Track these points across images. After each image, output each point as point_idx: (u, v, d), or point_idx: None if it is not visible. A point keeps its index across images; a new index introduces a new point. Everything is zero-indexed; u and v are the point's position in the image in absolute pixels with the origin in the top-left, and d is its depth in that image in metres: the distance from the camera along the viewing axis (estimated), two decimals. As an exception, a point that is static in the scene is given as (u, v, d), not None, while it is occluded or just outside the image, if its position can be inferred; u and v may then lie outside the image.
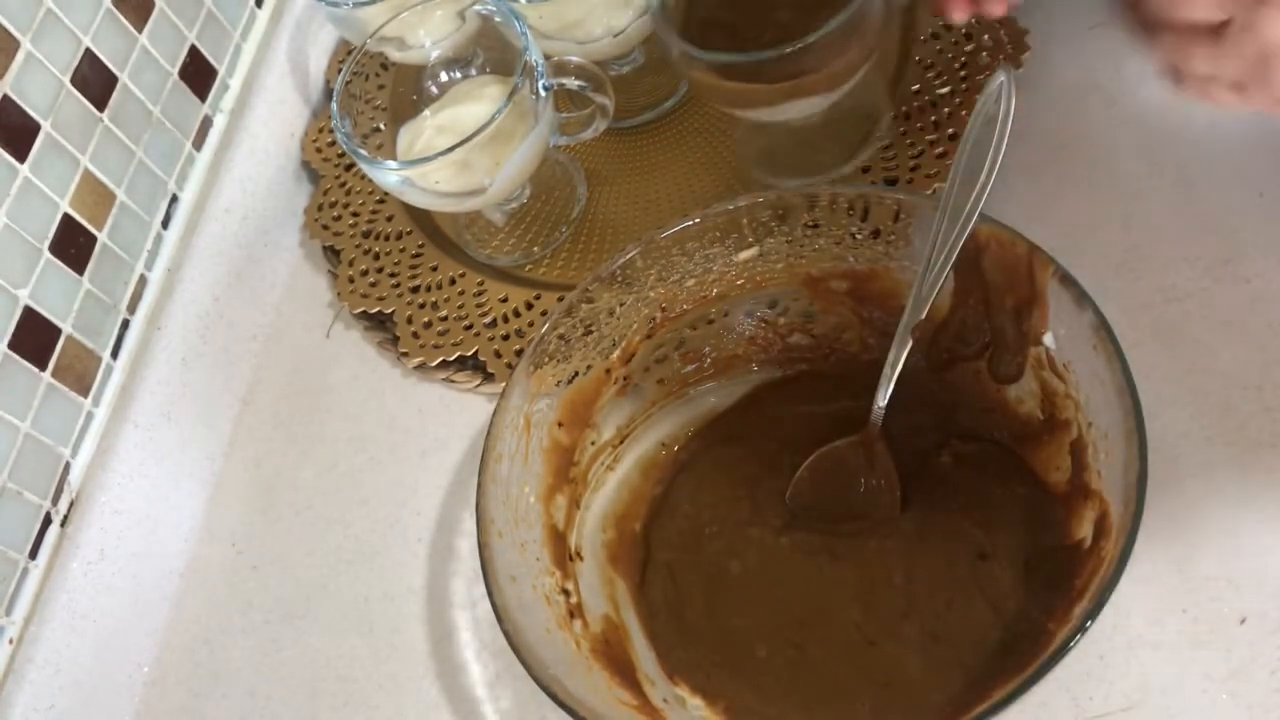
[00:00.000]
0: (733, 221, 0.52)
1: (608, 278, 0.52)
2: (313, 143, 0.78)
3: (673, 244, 0.52)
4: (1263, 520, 0.45)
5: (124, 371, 0.65)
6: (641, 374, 0.55)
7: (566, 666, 0.45)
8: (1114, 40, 0.60)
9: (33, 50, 0.59)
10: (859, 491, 0.51)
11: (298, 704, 0.58)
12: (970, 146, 0.46)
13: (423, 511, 0.61)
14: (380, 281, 0.69)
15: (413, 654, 0.57)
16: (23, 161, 0.59)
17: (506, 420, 0.50)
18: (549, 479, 0.52)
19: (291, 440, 0.68)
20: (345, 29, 0.70)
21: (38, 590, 0.59)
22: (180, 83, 0.70)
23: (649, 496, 0.55)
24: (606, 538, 0.53)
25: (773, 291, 0.54)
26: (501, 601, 0.45)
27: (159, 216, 0.69)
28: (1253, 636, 0.44)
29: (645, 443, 0.55)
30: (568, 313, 0.52)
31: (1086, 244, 0.54)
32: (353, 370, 0.69)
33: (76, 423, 0.62)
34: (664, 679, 0.49)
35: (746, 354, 0.56)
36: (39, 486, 0.60)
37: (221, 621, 0.63)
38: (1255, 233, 0.51)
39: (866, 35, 0.52)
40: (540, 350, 0.51)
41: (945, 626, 0.46)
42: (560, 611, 0.49)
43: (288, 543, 0.64)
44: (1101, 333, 0.42)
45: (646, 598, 0.52)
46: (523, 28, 0.59)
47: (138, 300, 0.67)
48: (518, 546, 0.49)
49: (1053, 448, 0.47)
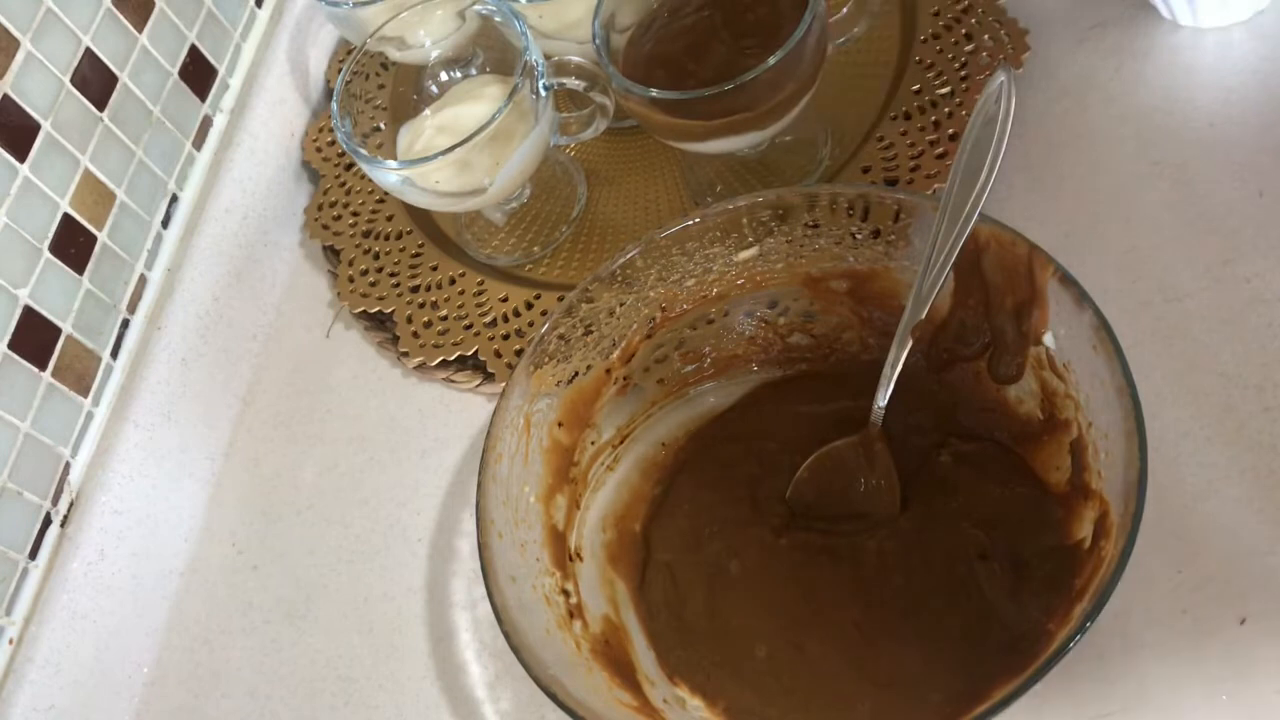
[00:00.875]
0: (733, 221, 0.52)
1: (608, 278, 0.52)
2: (313, 142, 0.78)
3: (673, 244, 0.52)
4: (1263, 520, 0.45)
5: (124, 371, 0.65)
6: (641, 374, 0.55)
7: (566, 667, 0.45)
8: (1114, 40, 0.60)
9: (33, 50, 0.59)
10: (859, 491, 0.51)
11: (298, 704, 0.58)
12: (970, 146, 0.46)
13: (423, 511, 0.61)
14: (380, 281, 0.69)
15: (413, 654, 0.57)
16: (23, 161, 0.59)
17: (506, 420, 0.50)
18: (549, 479, 0.52)
19: (291, 440, 0.68)
20: (345, 29, 0.70)
21: (38, 590, 0.59)
22: (180, 82, 0.70)
23: (649, 496, 0.55)
24: (606, 538, 0.53)
25: (773, 291, 0.54)
26: (501, 602, 0.45)
27: (159, 216, 0.69)
28: (1253, 637, 0.43)
29: (645, 443, 0.55)
30: (568, 313, 0.52)
31: (1086, 244, 0.54)
32: (353, 370, 0.69)
33: (76, 423, 0.62)
34: (664, 679, 0.49)
35: (746, 354, 0.56)
36: (39, 486, 0.60)
37: (221, 621, 0.63)
38: (1255, 233, 0.51)
39: (802, 73, 0.53)
40: (540, 350, 0.51)
41: (945, 626, 0.46)
42: (560, 612, 0.49)
43: (288, 543, 0.64)
44: (1101, 333, 0.42)
45: (646, 598, 0.52)
46: (523, 27, 0.59)
47: (138, 300, 0.67)
48: (518, 547, 0.49)
49: (1053, 448, 0.47)
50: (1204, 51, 0.57)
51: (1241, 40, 0.57)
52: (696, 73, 0.55)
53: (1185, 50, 0.58)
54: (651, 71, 0.56)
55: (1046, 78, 0.60)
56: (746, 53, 0.54)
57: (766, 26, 0.55)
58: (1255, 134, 0.54)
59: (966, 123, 0.48)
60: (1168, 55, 0.58)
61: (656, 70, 0.56)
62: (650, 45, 0.58)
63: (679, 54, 0.57)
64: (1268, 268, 0.50)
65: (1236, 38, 0.57)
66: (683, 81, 0.54)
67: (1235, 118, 0.55)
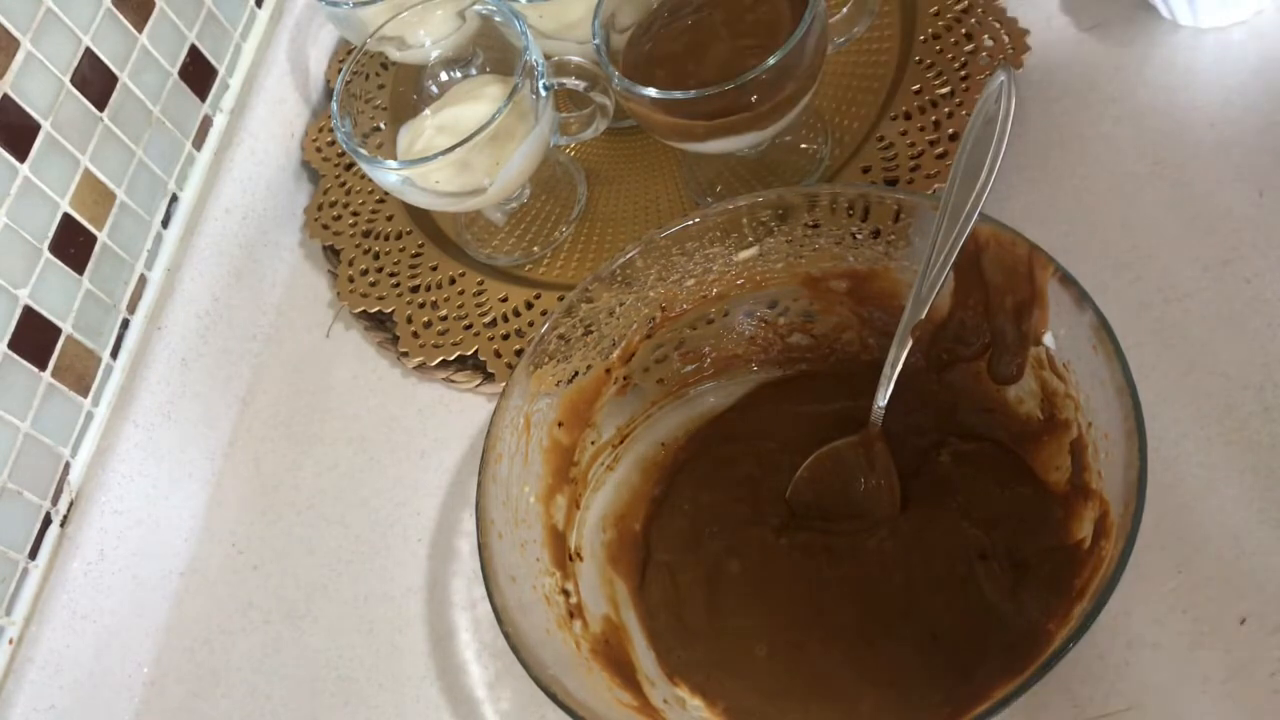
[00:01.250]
0: (733, 221, 0.52)
1: (608, 278, 0.52)
2: (313, 142, 0.78)
3: (673, 244, 0.52)
4: (1263, 520, 0.45)
5: (124, 371, 0.65)
6: (641, 374, 0.55)
7: (566, 667, 0.45)
8: (1114, 40, 0.60)
9: (33, 50, 0.59)
10: (859, 491, 0.51)
11: (298, 704, 0.58)
12: (970, 146, 0.46)
13: (423, 511, 0.61)
14: (380, 281, 0.69)
15: (413, 654, 0.57)
16: (23, 161, 0.59)
17: (506, 420, 0.50)
18: (549, 479, 0.52)
19: (291, 440, 0.68)
20: (345, 28, 0.70)
21: (38, 590, 0.59)
22: (180, 82, 0.70)
23: (649, 496, 0.55)
24: (606, 538, 0.53)
25: (773, 291, 0.54)
26: (501, 602, 0.45)
27: (159, 216, 0.69)
28: (1253, 637, 0.43)
29: (645, 443, 0.55)
30: (568, 313, 0.52)
31: (1086, 244, 0.54)
32: (353, 370, 0.69)
33: (76, 423, 0.62)
34: (664, 679, 0.49)
35: (746, 354, 0.56)
36: (39, 486, 0.60)
37: (221, 621, 0.63)
38: (1255, 232, 0.51)
39: (802, 73, 0.53)
40: (540, 350, 0.51)
41: (945, 626, 0.46)
42: (560, 612, 0.49)
43: (288, 543, 0.64)
44: (1101, 333, 0.42)
45: (646, 598, 0.52)
46: (523, 27, 0.59)
47: (138, 300, 0.67)
48: (518, 547, 0.49)
49: (1053, 448, 0.47)
50: (1204, 51, 0.57)
51: (1241, 40, 0.57)
52: (697, 73, 0.55)
53: (1185, 50, 0.58)
54: (652, 71, 0.56)
55: (1046, 78, 0.60)
56: (747, 52, 0.54)
57: (767, 26, 0.55)
58: (1255, 134, 0.54)
59: (966, 123, 0.48)
60: (1168, 55, 0.58)
61: (657, 70, 0.56)
62: (650, 45, 0.58)
63: (679, 54, 0.57)
64: (1268, 267, 0.50)
65: (1236, 38, 0.57)
66: (683, 81, 0.54)
67: (1235, 118, 0.55)
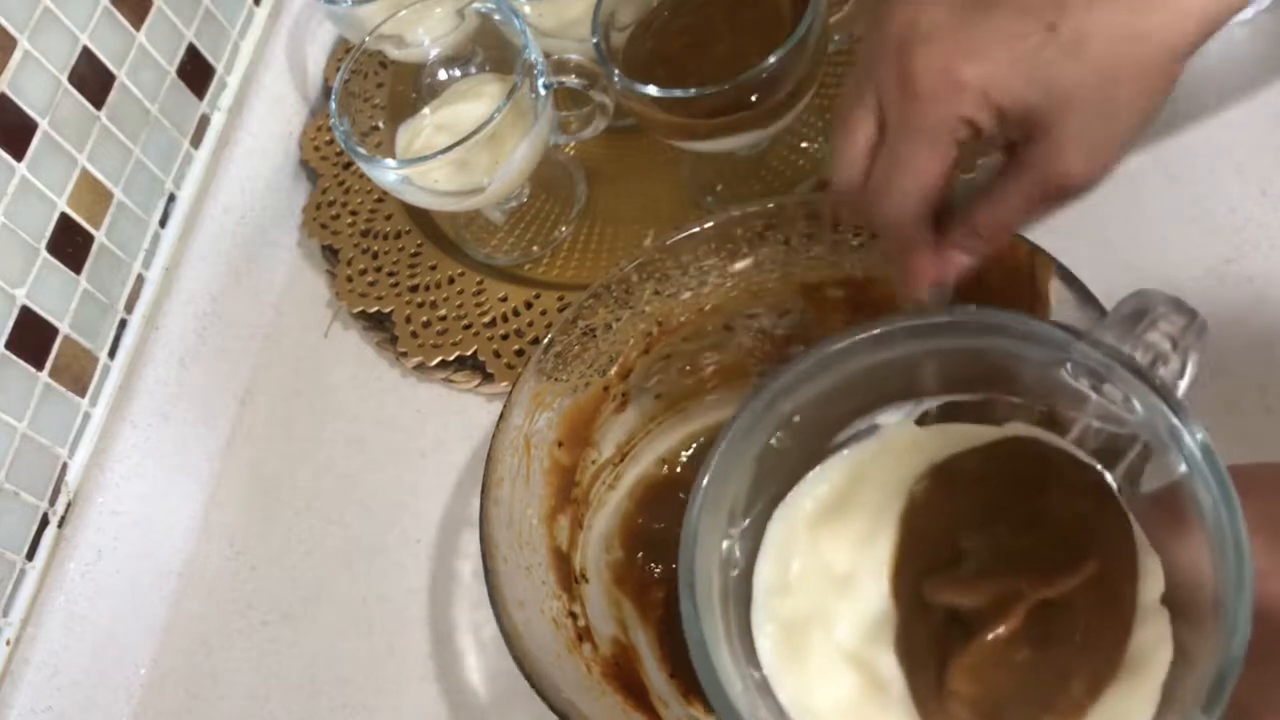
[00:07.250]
0: (727, 232, 0.51)
1: (603, 293, 0.51)
2: (311, 141, 0.78)
3: (668, 257, 0.51)
4: (1264, 521, 0.45)
5: (121, 371, 0.65)
6: (639, 390, 0.54)
7: (579, 691, 0.44)
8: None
9: (30, 48, 0.59)
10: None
11: (297, 705, 0.58)
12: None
13: (422, 512, 0.61)
14: (379, 281, 0.69)
15: (412, 655, 0.57)
16: (20, 160, 0.58)
17: (507, 441, 0.49)
18: (551, 500, 0.51)
19: (290, 440, 0.68)
20: (344, 27, 0.70)
21: (35, 591, 0.59)
22: (178, 81, 0.70)
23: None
24: (611, 558, 0.52)
25: (770, 301, 0.53)
26: (511, 628, 0.44)
27: (157, 215, 0.69)
28: (1255, 637, 0.43)
29: (646, 460, 0.55)
30: (564, 330, 0.51)
31: (1087, 244, 0.54)
32: (351, 370, 0.69)
33: (74, 423, 0.62)
34: (678, 699, 0.48)
35: (746, 365, 0.56)
36: (36, 487, 0.59)
37: (220, 622, 0.63)
38: (1258, 231, 0.51)
39: (803, 72, 0.53)
40: (538, 369, 0.51)
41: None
42: (569, 635, 0.48)
43: (286, 543, 0.64)
44: (1104, 333, 0.42)
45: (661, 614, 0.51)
46: (522, 26, 0.59)
47: (135, 300, 0.67)
48: (524, 570, 0.48)
49: (1054, 448, 0.47)
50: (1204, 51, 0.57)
51: (1241, 40, 0.57)
52: (697, 71, 0.55)
53: (1186, 49, 0.58)
54: (652, 70, 0.56)
55: (1047, 77, 0.60)
56: (747, 51, 0.54)
57: (767, 25, 0.55)
58: (1257, 133, 0.54)
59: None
60: (1169, 54, 0.58)
61: (657, 69, 0.56)
62: (650, 44, 0.58)
63: (679, 52, 0.57)
64: (1270, 267, 0.50)
65: (1236, 38, 0.57)
66: (683, 80, 0.54)
67: (1238, 116, 0.55)
